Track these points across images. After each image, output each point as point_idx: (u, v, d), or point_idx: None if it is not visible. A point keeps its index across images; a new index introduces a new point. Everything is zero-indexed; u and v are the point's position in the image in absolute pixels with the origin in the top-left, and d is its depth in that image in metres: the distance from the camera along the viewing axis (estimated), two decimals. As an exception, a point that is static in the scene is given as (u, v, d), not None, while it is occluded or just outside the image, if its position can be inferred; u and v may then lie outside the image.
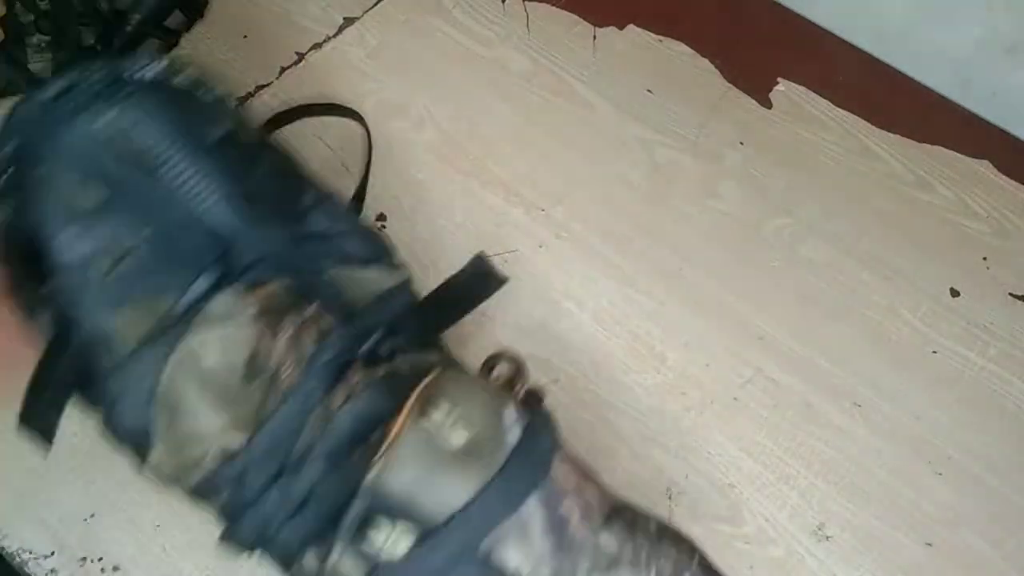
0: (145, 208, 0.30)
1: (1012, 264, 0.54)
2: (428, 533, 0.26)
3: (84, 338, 0.30)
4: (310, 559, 0.29)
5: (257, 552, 0.32)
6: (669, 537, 0.31)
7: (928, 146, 0.58)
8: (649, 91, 0.59)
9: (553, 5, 0.62)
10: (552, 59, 0.60)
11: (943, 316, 0.52)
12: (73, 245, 0.30)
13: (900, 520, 0.46)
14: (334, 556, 0.28)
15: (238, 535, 0.31)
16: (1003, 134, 0.59)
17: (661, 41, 0.62)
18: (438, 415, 0.28)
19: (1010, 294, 0.53)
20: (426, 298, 0.35)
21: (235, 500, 0.30)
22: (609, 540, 0.29)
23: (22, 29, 0.53)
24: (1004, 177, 0.57)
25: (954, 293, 0.53)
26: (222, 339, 0.30)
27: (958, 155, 0.58)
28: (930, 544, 0.45)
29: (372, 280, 0.35)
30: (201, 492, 0.31)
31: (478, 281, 0.37)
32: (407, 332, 0.34)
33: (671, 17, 0.62)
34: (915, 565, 0.45)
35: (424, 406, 0.28)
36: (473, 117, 0.57)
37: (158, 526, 0.43)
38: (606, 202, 0.55)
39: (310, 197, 0.36)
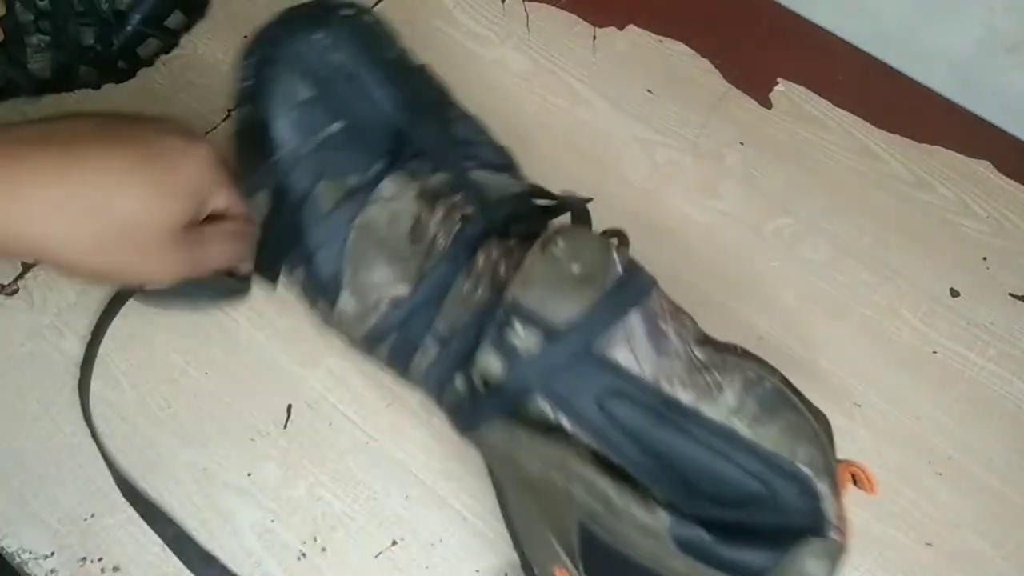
0: (341, 104, 0.40)
1: (1012, 264, 0.54)
2: (552, 335, 0.34)
3: (293, 201, 0.40)
4: (459, 382, 0.38)
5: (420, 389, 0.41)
6: (755, 357, 0.38)
7: (928, 146, 0.58)
8: (649, 91, 0.59)
9: (553, 5, 0.62)
10: (552, 59, 0.60)
11: (943, 316, 0.52)
12: (290, 127, 0.40)
13: (900, 520, 0.46)
14: (480, 353, 0.35)
15: (409, 373, 0.40)
16: (1003, 134, 0.59)
17: (661, 41, 0.62)
18: (558, 251, 0.36)
19: (1010, 294, 0.53)
20: (541, 207, 0.45)
21: (400, 341, 0.40)
22: (701, 352, 0.36)
23: (22, 29, 0.53)
24: (1004, 177, 0.57)
25: (954, 293, 0.53)
26: (392, 211, 0.40)
27: (958, 155, 0.58)
28: (930, 544, 0.45)
29: (504, 183, 0.43)
30: (374, 336, 0.40)
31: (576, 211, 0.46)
32: (530, 225, 0.43)
33: (671, 17, 0.62)
34: (915, 565, 0.45)
35: (547, 245, 0.36)
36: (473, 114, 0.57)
37: (158, 526, 0.43)
38: (606, 202, 0.54)
39: (454, 111, 0.45)
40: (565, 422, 0.35)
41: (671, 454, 0.34)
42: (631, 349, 0.34)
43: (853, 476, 0.37)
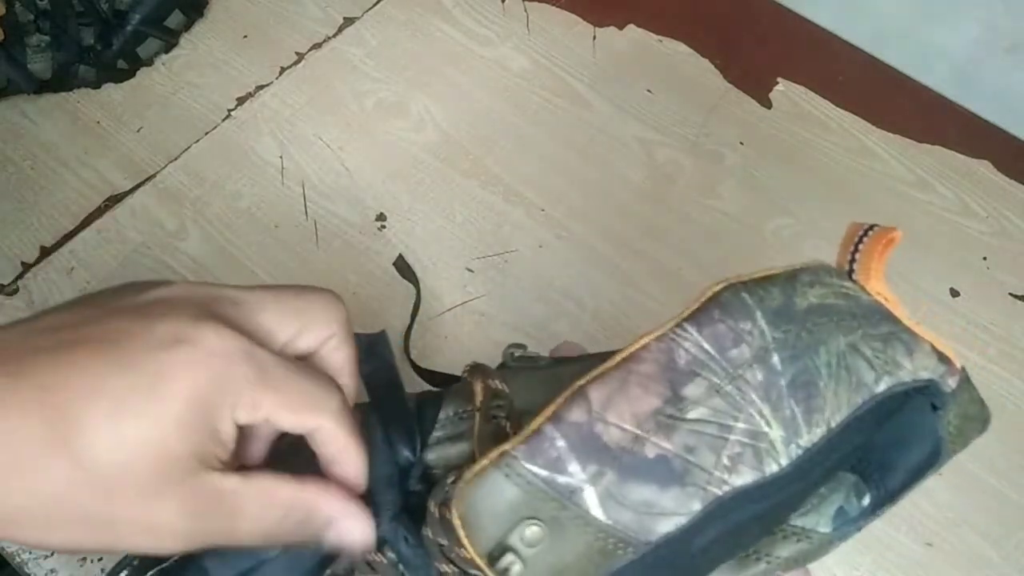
0: None
1: (1012, 264, 0.54)
2: None
3: None
4: None
5: None
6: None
7: (928, 146, 0.58)
8: (649, 91, 0.59)
9: (553, 5, 0.62)
10: (552, 59, 0.60)
11: (943, 316, 0.52)
12: None
13: (900, 520, 0.46)
14: None
15: None
16: (1003, 134, 0.59)
17: (661, 41, 0.62)
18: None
19: (1010, 294, 0.53)
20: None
21: None
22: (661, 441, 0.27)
23: (22, 29, 0.53)
24: (1004, 177, 0.57)
25: (954, 293, 0.53)
26: None
27: (958, 155, 0.58)
28: (930, 544, 0.45)
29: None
30: None
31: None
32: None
33: (671, 17, 0.62)
34: (915, 565, 0.45)
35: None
36: (473, 117, 0.57)
37: (158, 526, 0.43)
38: (606, 202, 0.55)
39: None
40: None
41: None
42: None
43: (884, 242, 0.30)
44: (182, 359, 0.24)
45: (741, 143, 0.57)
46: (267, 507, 0.26)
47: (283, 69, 0.58)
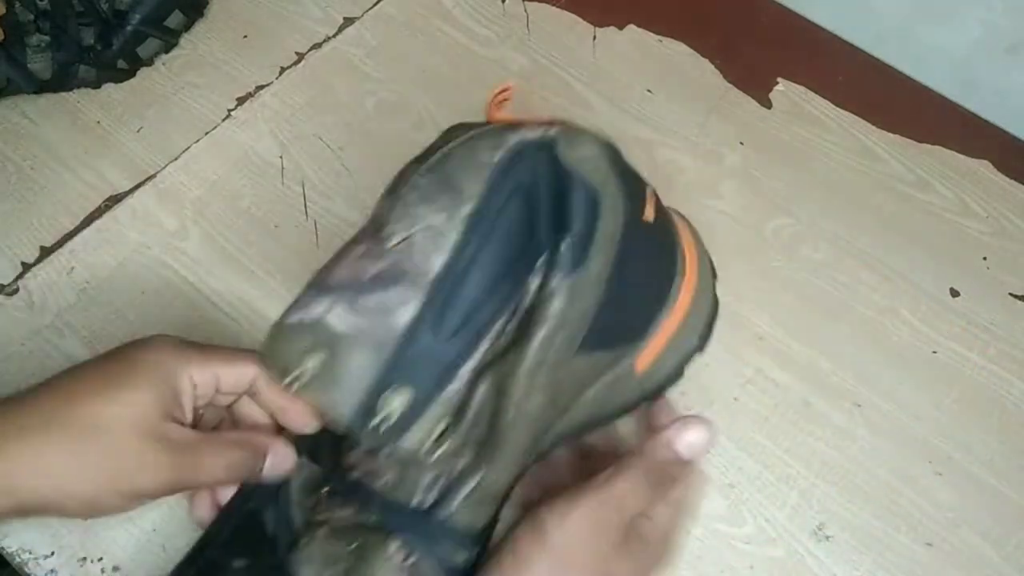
0: None
1: (1012, 264, 0.54)
2: None
3: None
4: None
5: None
6: None
7: (928, 146, 0.58)
8: (649, 91, 0.59)
9: (553, 5, 0.62)
10: (552, 59, 0.60)
11: (943, 316, 0.52)
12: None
13: (900, 520, 0.46)
14: None
15: None
16: (1003, 134, 0.59)
17: (661, 41, 0.62)
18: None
19: (1010, 294, 0.53)
20: None
21: None
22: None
23: (22, 29, 0.53)
24: (1004, 177, 0.57)
25: (954, 293, 0.53)
26: None
27: (958, 155, 0.58)
28: (930, 544, 0.45)
29: None
30: None
31: None
32: None
33: (671, 17, 0.62)
34: (915, 565, 0.45)
35: None
36: (473, 117, 0.57)
37: (158, 526, 0.43)
38: (606, 202, 0.54)
39: None
40: None
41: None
42: None
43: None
44: (143, 349, 0.36)
45: (741, 143, 0.57)
46: (221, 447, 0.37)
47: (283, 69, 0.58)
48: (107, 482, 0.34)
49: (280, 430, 0.39)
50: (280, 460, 0.38)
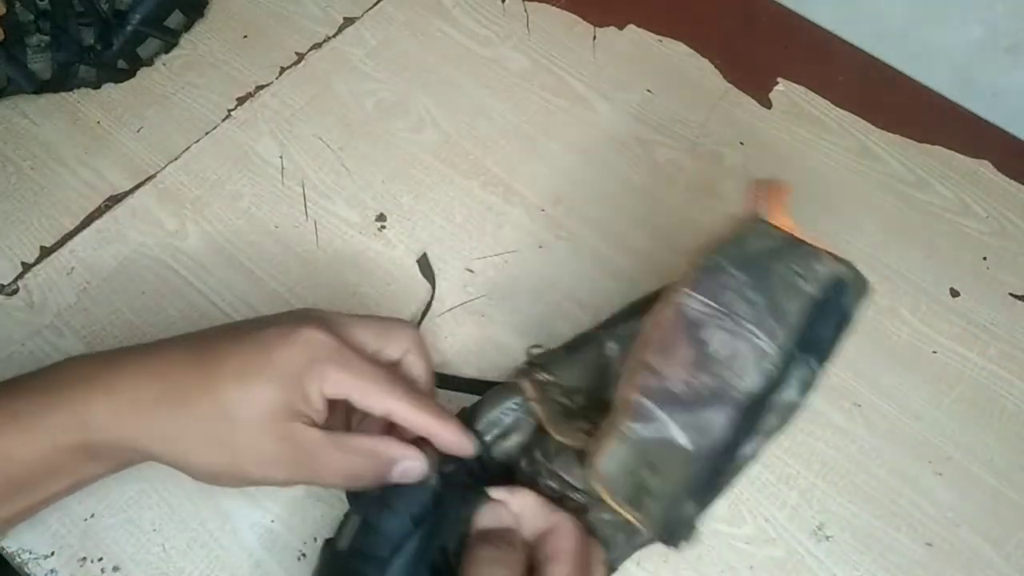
0: None
1: (1012, 264, 0.54)
2: None
3: None
4: None
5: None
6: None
7: (928, 146, 0.58)
8: (649, 91, 0.59)
9: (553, 5, 0.62)
10: (552, 59, 0.60)
11: (943, 316, 0.52)
12: None
13: (900, 520, 0.46)
14: None
15: None
16: (1003, 134, 0.59)
17: (661, 41, 0.62)
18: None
19: (1010, 294, 0.53)
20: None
21: None
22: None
23: (22, 29, 0.53)
24: (1004, 177, 0.57)
25: (954, 293, 0.53)
26: None
27: (958, 155, 0.58)
28: (930, 544, 0.45)
29: None
30: None
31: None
32: None
33: (671, 17, 0.62)
34: (915, 565, 0.45)
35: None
36: (473, 117, 0.57)
37: (158, 526, 0.43)
38: (606, 202, 0.55)
39: None
40: None
41: None
42: None
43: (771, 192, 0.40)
44: (285, 343, 0.35)
45: (741, 143, 0.57)
46: (344, 453, 0.36)
47: (283, 69, 0.58)
48: (227, 465, 0.35)
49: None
50: (411, 469, 0.37)
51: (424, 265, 0.51)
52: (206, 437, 0.35)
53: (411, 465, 0.37)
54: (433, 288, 0.50)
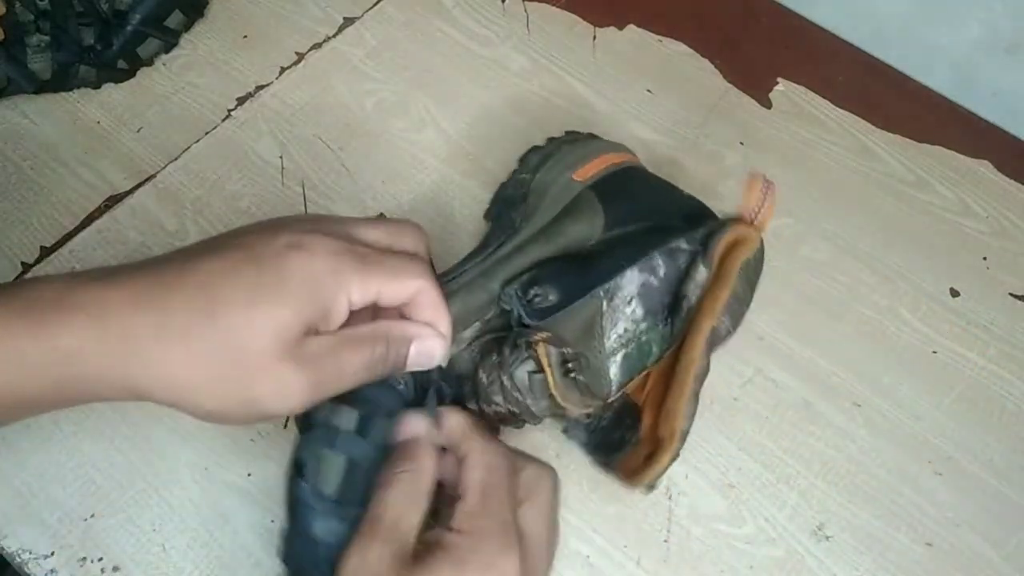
0: None
1: (1012, 264, 0.54)
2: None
3: None
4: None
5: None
6: None
7: (928, 146, 0.58)
8: (649, 91, 0.59)
9: (553, 5, 0.62)
10: (552, 59, 0.60)
11: (943, 316, 0.52)
12: None
13: (900, 520, 0.46)
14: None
15: None
16: (1003, 134, 0.59)
17: (661, 41, 0.62)
18: None
19: (1010, 294, 0.53)
20: None
21: None
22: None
23: (22, 29, 0.53)
24: (1004, 177, 0.57)
25: (954, 293, 0.53)
26: None
27: (958, 155, 0.58)
28: (930, 544, 0.45)
29: None
30: None
31: None
32: None
33: (671, 17, 0.62)
34: (915, 565, 0.45)
35: None
36: (473, 117, 0.57)
37: (157, 526, 0.43)
38: (606, 202, 0.54)
39: None
40: None
41: None
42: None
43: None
44: (299, 259, 0.32)
45: (741, 143, 0.57)
46: (361, 346, 0.33)
47: (283, 69, 0.58)
48: (240, 402, 0.32)
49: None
50: (429, 348, 0.35)
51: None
52: (215, 373, 0.31)
53: (430, 344, 0.35)
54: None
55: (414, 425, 0.36)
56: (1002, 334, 0.52)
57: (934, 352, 0.51)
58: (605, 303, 0.39)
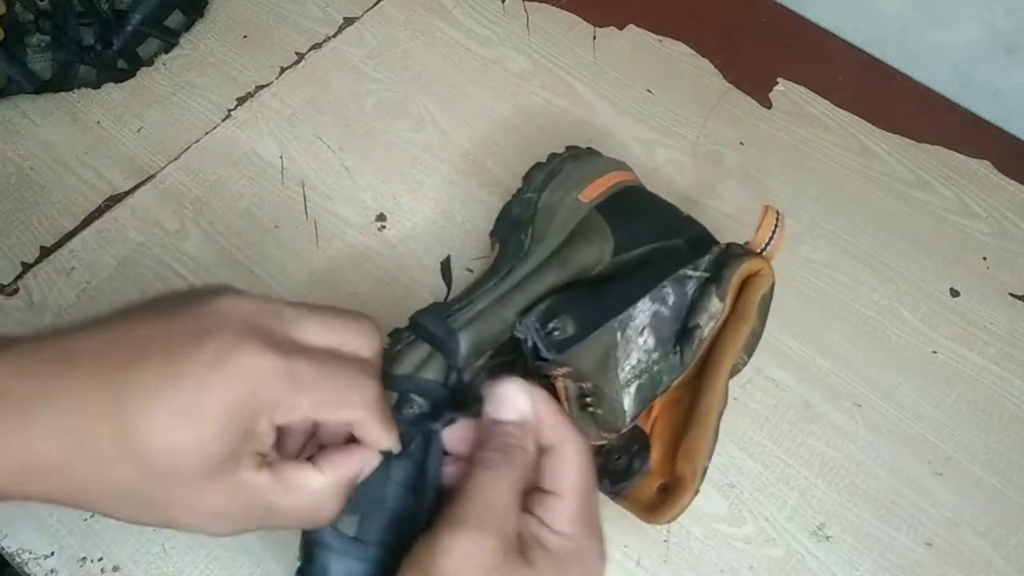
0: None
1: (1012, 264, 0.54)
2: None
3: None
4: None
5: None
6: None
7: (928, 146, 0.58)
8: (649, 91, 0.59)
9: (553, 5, 0.62)
10: (552, 59, 0.60)
11: (943, 316, 0.52)
12: None
13: (900, 520, 0.46)
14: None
15: None
16: (1003, 134, 0.59)
17: (661, 41, 0.62)
18: None
19: (1010, 294, 0.53)
20: None
21: None
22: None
23: (22, 29, 0.53)
24: (1004, 177, 0.57)
25: (954, 293, 0.53)
26: None
27: (958, 155, 0.58)
28: (930, 544, 0.45)
29: None
30: None
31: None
32: None
33: (671, 17, 0.62)
34: (915, 565, 0.45)
35: None
36: (473, 117, 0.57)
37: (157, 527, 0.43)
38: (606, 202, 0.54)
39: None
40: None
41: None
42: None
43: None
44: (222, 377, 0.29)
45: (741, 143, 0.57)
46: (299, 498, 0.31)
47: (283, 69, 0.58)
48: (157, 522, 0.30)
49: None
50: (369, 468, 0.34)
51: (446, 268, 0.51)
52: (129, 498, 0.29)
53: (371, 466, 0.33)
54: (448, 291, 0.50)
55: (519, 400, 0.32)
56: (1002, 334, 0.52)
57: (934, 352, 0.51)
58: (619, 334, 0.39)
